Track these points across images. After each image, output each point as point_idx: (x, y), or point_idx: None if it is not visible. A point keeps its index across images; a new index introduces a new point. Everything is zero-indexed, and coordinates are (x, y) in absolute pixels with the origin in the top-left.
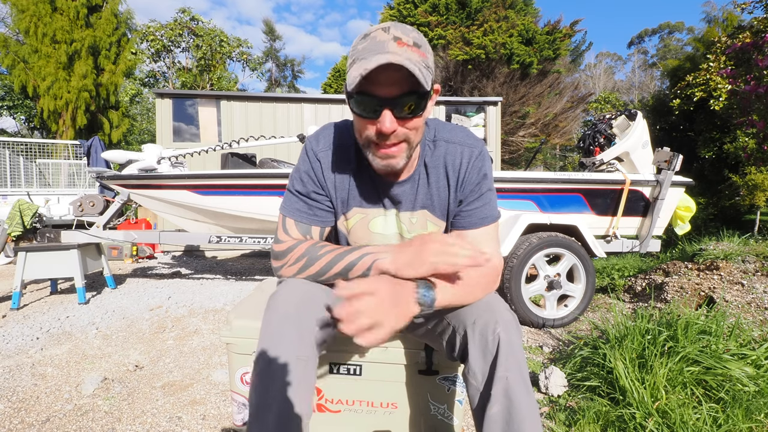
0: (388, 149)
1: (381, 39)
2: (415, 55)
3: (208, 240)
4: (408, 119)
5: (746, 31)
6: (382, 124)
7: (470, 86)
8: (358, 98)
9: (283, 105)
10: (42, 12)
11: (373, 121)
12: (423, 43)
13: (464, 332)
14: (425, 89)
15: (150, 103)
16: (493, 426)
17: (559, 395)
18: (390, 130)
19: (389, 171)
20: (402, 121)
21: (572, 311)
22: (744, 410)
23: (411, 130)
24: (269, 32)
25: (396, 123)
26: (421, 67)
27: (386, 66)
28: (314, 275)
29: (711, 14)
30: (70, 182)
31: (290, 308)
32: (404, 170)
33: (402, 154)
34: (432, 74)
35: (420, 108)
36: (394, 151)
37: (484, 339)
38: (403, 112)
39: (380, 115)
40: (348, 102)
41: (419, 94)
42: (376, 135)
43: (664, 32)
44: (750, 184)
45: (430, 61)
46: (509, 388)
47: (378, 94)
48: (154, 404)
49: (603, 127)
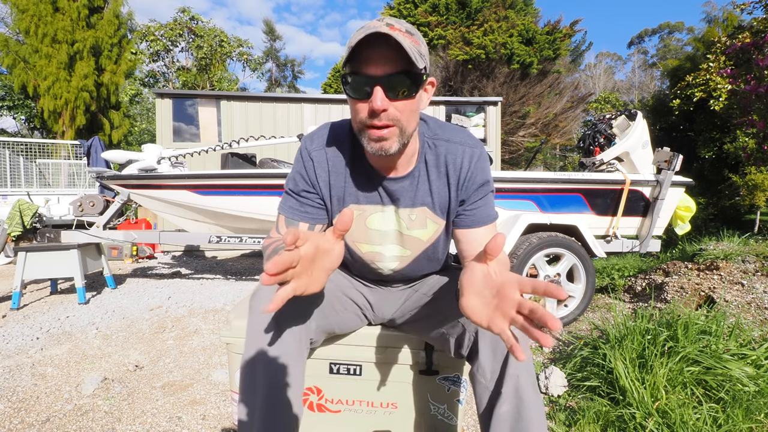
0: (380, 131)
1: (373, 24)
2: (407, 40)
3: (208, 240)
4: (399, 100)
5: (746, 31)
6: (374, 102)
7: (470, 86)
8: (350, 78)
9: (283, 105)
10: (43, 12)
11: (365, 101)
12: (416, 32)
13: (475, 330)
14: (417, 70)
15: (150, 103)
16: (502, 425)
17: (559, 395)
18: (381, 107)
19: (382, 156)
20: (394, 101)
21: (572, 311)
22: (744, 410)
23: (402, 113)
24: (269, 32)
25: (387, 102)
26: (412, 48)
27: (380, 42)
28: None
29: (711, 14)
30: (70, 182)
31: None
32: (402, 165)
33: (394, 138)
34: (425, 62)
35: (412, 90)
36: (385, 134)
37: (495, 337)
38: (395, 92)
39: (372, 94)
40: (344, 89)
41: (410, 74)
42: (368, 115)
43: (664, 32)
44: (750, 184)
45: (423, 49)
46: (520, 387)
47: (369, 73)
48: (154, 404)
49: (603, 127)
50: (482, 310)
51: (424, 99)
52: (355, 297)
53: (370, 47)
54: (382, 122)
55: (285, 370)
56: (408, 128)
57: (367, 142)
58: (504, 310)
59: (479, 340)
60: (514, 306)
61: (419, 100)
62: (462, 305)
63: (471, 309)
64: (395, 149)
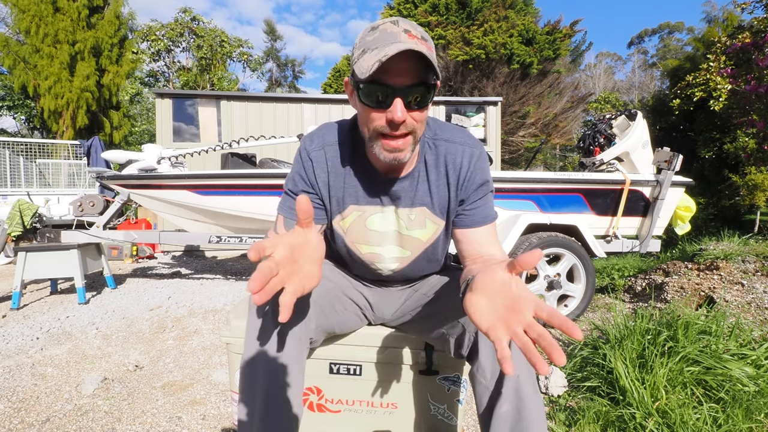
0: (396, 141)
1: (392, 31)
2: (425, 48)
3: (208, 240)
4: (415, 110)
5: (746, 31)
6: (394, 113)
7: (470, 86)
8: (369, 87)
9: (283, 105)
10: (44, 12)
11: (382, 111)
12: (428, 38)
13: (475, 330)
14: (434, 81)
15: (150, 103)
16: (502, 425)
17: (559, 395)
18: (401, 119)
19: (395, 165)
20: (410, 112)
21: (572, 311)
22: (744, 410)
23: (418, 122)
24: (270, 32)
25: (406, 113)
26: (431, 57)
27: (405, 54)
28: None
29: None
30: (70, 182)
31: (268, 306)
32: (403, 165)
33: (408, 147)
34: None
35: (427, 100)
36: (400, 144)
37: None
38: (412, 103)
39: (391, 105)
40: (357, 92)
41: (428, 85)
42: (386, 125)
43: (664, 32)
44: (750, 184)
45: (434, 55)
46: (520, 386)
47: (390, 83)
48: (154, 404)
49: (603, 127)
50: (487, 314)
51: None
52: (355, 297)
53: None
54: (399, 132)
55: (285, 370)
56: (419, 135)
57: (380, 151)
58: (509, 324)
59: (479, 341)
60: (522, 324)
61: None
62: (467, 302)
63: (475, 308)
64: (407, 158)
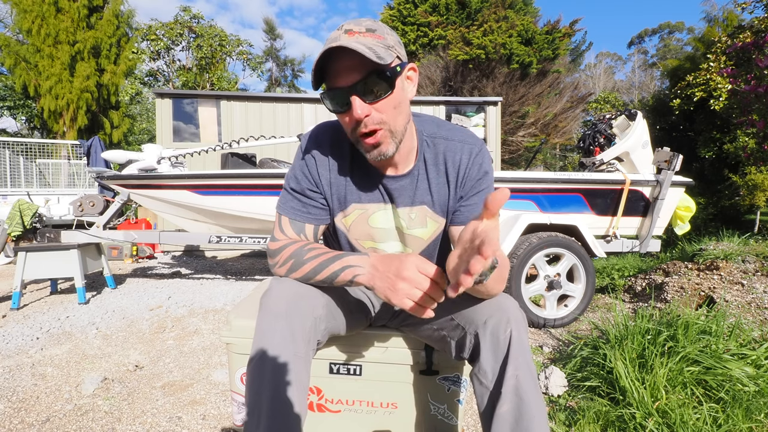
0: (372, 138)
1: (333, 36)
2: (367, 39)
3: (208, 240)
4: (378, 101)
5: (746, 31)
6: (354, 111)
7: (470, 86)
8: (325, 96)
9: (283, 105)
10: (46, 13)
11: (348, 113)
12: (378, 27)
13: (475, 333)
14: (384, 66)
15: (150, 103)
16: (502, 425)
17: (559, 395)
18: (361, 115)
19: (383, 160)
20: (373, 104)
21: (572, 311)
22: (744, 410)
23: (385, 112)
24: (269, 31)
25: (367, 107)
26: (373, 47)
27: (340, 53)
28: (301, 279)
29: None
30: (70, 182)
31: (281, 307)
32: (401, 163)
33: (387, 140)
34: (396, 53)
35: (387, 87)
36: (377, 139)
37: (495, 338)
38: (371, 95)
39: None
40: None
41: (379, 73)
42: (354, 126)
43: (664, 32)
44: (750, 184)
45: (390, 41)
46: (519, 386)
47: (339, 86)
48: (154, 404)
49: (603, 127)
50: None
51: (408, 88)
52: (360, 297)
53: (333, 60)
54: (368, 128)
55: (294, 370)
56: (397, 126)
57: (364, 151)
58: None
59: (480, 343)
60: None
61: (400, 93)
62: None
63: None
64: (392, 151)
